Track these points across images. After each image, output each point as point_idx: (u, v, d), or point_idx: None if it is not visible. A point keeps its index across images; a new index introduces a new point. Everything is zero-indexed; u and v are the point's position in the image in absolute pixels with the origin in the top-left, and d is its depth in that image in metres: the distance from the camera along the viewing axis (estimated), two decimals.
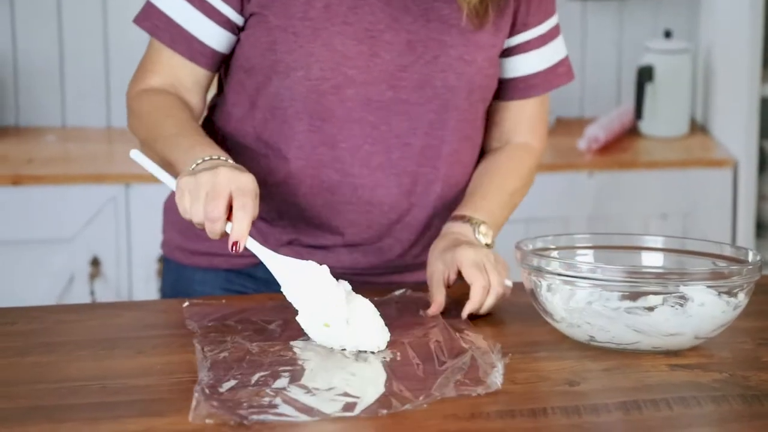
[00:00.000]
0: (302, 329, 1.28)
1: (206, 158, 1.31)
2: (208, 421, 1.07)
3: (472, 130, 1.52)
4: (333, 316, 1.25)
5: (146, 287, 2.46)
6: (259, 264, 1.54)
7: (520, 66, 1.54)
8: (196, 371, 1.20)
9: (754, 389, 1.19)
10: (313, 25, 1.42)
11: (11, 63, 2.75)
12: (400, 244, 1.51)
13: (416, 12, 1.44)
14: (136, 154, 1.35)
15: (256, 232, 1.53)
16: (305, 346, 1.27)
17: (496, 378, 1.18)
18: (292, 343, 1.27)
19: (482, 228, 1.46)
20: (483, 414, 1.11)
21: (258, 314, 1.35)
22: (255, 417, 1.08)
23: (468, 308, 1.36)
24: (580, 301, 1.28)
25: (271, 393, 1.13)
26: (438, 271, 1.39)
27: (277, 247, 1.53)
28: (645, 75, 2.78)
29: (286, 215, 1.50)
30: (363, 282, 1.47)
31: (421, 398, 1.13)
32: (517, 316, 1.38)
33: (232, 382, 1.15)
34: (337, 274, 1.43)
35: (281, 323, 1.32)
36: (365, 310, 1.27)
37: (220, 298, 1.44)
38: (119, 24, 2.75)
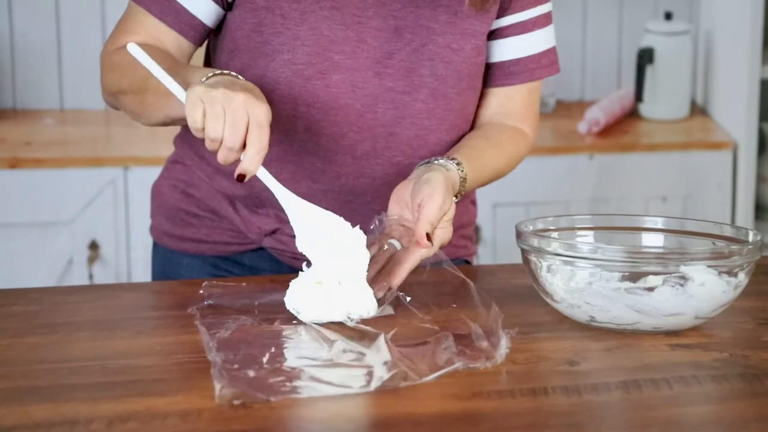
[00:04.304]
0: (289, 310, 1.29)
1: (217, 72, 1.28)
2: (235, 402, 1.07)
3: (460, 119, 1.49)
4: (336, 272, 1.26)
5: (144, 270, 2.45)
6: (246, 251, 1.55)
7: (497, 51, 1.50)
8: (196, 352, 1.20)
9: (754, 368, 1.19)
10: (301, 8, 1.40)
11: (9, 45, 2.74)
12: None
13: None
14: (133, 48, 1.30)
15: (240, 221, 1.52)
16: (300, 324, 1.27)
17: (502, 351, 1.18)
18: (286, 323, 1.27)
19: (459, 194, 1.43)
20: (483, 393, 1.11)
21: (251, 296, 1.35)
22: (281, 395, 1.08)
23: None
24: (580, 282, 1.28)
25: (287, 370, 1.14)
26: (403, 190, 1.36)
27: (260, 237, 1.52)
28: (645, 57, 2.78)
29: (268, 202, 1.49)
30: None
31: (430, 372, 1.13)
32: (517, 297, 1.38)
33: (245, 362, 1.15)
34: None
35: (274, 304, 1.32)
36: (354, 273, 1.27)
37: (229, 280, 1.43)
38: (117, 6, 2.74)
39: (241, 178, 1.25)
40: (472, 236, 1.63)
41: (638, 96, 2.80)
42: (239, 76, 1.30)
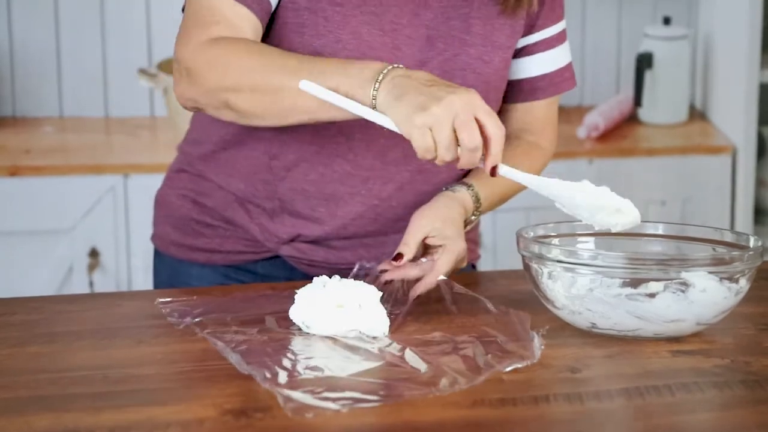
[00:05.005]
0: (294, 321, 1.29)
1: (380, 78, 1.27)
2: (308, 415, 1.06)
3: None
4: (351, 297, 1.27)
5: (145, 278, 2.45)
6: (260, 260, 1.54)
7: (525, 68, 1.53)
8: (198, 360, 1.20)
9: (755, 375, 1.19)
10: (343, 11, 1.40)
11: (8, 53, 2.74)
12: None
13: (437, 8, 1.43)
14: (306, 85, 1.28)
15: (258, 230, 1.51)
16: (312, 335, 1.27)
17: (537, 348, 1.19)
18: (295, 333, 1.27)
19: (474, 217, 1.46)
20: (485, 402, 1.11)
21: (249, 306, 1.35)
22: (348, 406, 1.08)
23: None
24: (581, 288, 1.28)
25: (334, 379, 1.14)
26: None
27: (278, 246, 1.52)
28: (644, 62, 2.78)
29: (289, 205, 1.49)
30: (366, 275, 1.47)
31: (475, 377, 1.14)
32: (518, 304, 1.38)
33: (284, 373, 1.14)
34: (341, 270, 1.42)
35: (274, 314, 1.31)
36: (371, 295, 1.28)
37: (191, 291, 1.42)
38: (116, 13, 2.74)
39: (493, 171, 1.28)
40: (477, 240, 1.64)
41: (637, 100, 2.80)
42: (402, 66, 1.29)
